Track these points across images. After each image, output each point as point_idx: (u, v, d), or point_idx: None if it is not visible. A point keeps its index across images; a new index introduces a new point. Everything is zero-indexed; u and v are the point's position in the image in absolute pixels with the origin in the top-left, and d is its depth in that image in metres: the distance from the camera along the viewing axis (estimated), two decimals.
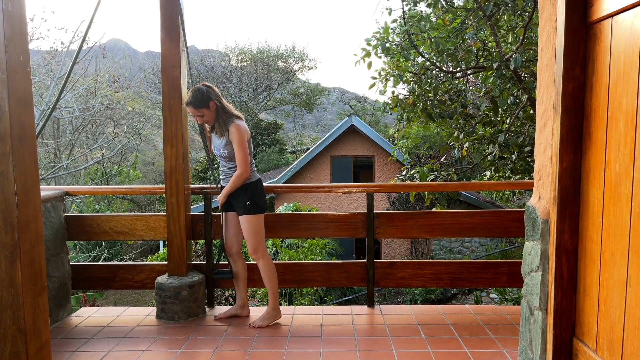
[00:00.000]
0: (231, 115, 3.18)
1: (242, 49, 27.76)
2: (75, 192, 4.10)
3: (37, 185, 1.56)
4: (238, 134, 3.11)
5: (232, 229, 3.40)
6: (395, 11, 6.08)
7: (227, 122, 3.16)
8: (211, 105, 3.12)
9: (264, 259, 3.29)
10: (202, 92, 3.10)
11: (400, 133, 7.28)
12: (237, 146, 3.12)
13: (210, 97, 3.11)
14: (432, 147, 14.52)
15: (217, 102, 3.14)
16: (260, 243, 3.27)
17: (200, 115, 3.14)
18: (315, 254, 9.32)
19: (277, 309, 3.37)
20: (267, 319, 3.31)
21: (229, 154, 3.21)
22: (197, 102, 3.10)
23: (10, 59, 1.44)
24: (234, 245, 3.42)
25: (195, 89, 3.11)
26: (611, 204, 1.65)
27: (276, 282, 3.34)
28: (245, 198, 3.22)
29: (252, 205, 3.22)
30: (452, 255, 14.06)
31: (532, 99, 5.30)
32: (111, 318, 3.53)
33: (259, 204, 3.26)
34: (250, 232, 3.24)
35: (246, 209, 3.23)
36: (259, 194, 3.27)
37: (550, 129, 2.01)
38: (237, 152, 3.13)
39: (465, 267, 3.70)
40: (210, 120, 3.18)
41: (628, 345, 1.56)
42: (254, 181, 3.27)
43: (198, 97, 3.09)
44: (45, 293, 1.59)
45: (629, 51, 1.54)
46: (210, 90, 3.14)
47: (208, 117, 3.16)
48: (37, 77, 11.71)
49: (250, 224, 3.24)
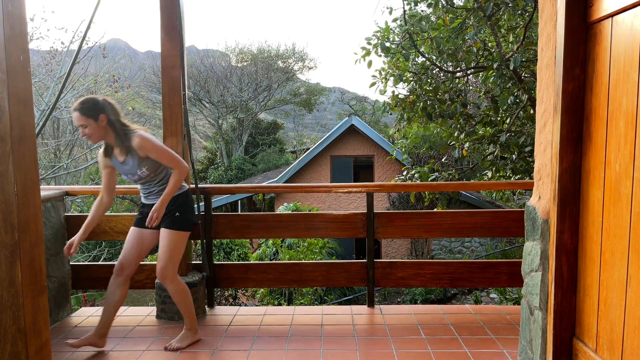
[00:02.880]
0: (130, 130, 2.81)
1: (242, 49, 27.76)
2: (75, 192, 4.10)
3: (37, 185, 1.56)
4: (148, 142, 2.75)
5: (137, 246, 2.97)
6: (395, 10, 6.07)
7: (127, 138, 2.78)
8: (101, 119, 2.71)
9: (174, 283, 2.92)
10: (95, 101, 2.73)
11: (401, 133, 7.28)
12: (157, 152, 2.77)
13: (103, 109, 2.72)
14: (432, 147, 14.51)
15: (110, 117, 2.74)
16: (172, 263, 2.90)
17: (84, 125, 2.69)
18: (315, 254, 9.32)
19: (195, 330, 3.04)
20: (185, 340, 2.98)
21: (149, 170, 2.83)
22: (85, 109, 2.69)
23: (10, 59, 1.44)
24: (130, 266, 2.95)
25: (89, 97, 2.74)
26: (611, 204, 1.64)
27: (190, 303, 3.00)
28: (174, 209, 2.88)
29: (180, 219, 2.89)
30: (452, 255, 14.06)
31: (532, 99, 5.30)
32: None
33: (188, 217, 2.94)
34: (167, 249, 2.87)
35: (173, 221, 2.88)
36: (189, 206, 2.97)
37: (550, 129, 2.01)
38: (161, 158, 2.79)
39: (465, 267, 3.71)
40: (94, 136, 2.72)
41: (628, 345, 1.56)
42: (184, 191, 2.96)
43: (89, 105, 2.71)
44: (45, 293, 1.59)
45: (629, 51, 1.54)
46: (107, 104, 2.75)
47: (92, 130, 2.70)
48: (37, 77, 11.71)
49: (171, 240, 2.87)
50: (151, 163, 2.83)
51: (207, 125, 29.03)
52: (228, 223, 3.72)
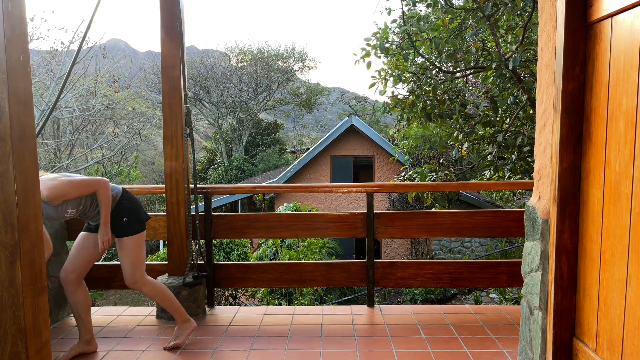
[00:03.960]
0: None
1: (242, 49, 27.78)
2: None
3: (37, 185, 1.56)
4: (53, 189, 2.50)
5: (84, 251, 2.84)
6: (394, 11, 6.06)
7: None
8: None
9: (145, 286, 2.88)
10: None
11: (401, 133, 7.28)
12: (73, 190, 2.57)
13: None
14: (432, 147, 14.52)
15: None
16: (138, 268, 2.84)
17: None
18: (314, 254, 9.32)
19: (187, 320, 3.02)
20: (181, 335, 2.99)
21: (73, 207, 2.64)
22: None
23: (10, 59, 1.44)
24: (77, 270, 2.82)
25: None
26: (611, 204, 1.65)
27: (171, 299, 2.97)
28: (119, 215, 2.78)
29: (129, 222, 2.79)
30: (452, 255, 14.06)
31: (532, 99, 5.30)
32: (111, 318, 3.53)
33: (137, 217, 2.83)
34: (128, 257, 2.81)
35: (123, 227, 2.79)
36: (133, 206, 2.85)
37: (550, 129, 2.01)
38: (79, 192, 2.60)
39: (465, 267, 3.71)
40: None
41: (628, 345, 1.56)
42: (120, 196, 2.83)
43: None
44: (45, 293, 1.59)
45: (629, 51, 1.54)
46: None
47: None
48: (37, 77, 11.71)
49: (129, 246, 2.80)
50: (69, 202, 2.63)
51: (207, 125, 29.03)
52: (228, 223, 3.72)
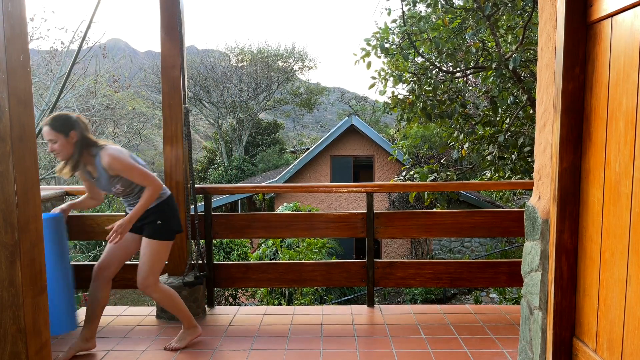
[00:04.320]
0: (97, 147, 2.73)
1: (242, 49, 27.77)
2: (75, 192, 4.09)
3: (37, 185, 1.56)
4: (116, 162, 2.66)
5: (119, 251, 2.90)
6: (394, 11, 6.08)
7: (95, 155, 2.72)
8: (71, 135, 2.65)
9: (156, 292, 2.88)
10: (66, 118, 2.67)
11: (401, 133, 7.28)
12: (127, 172, 2.69)
13: (74, 126, 2.66)
14: (432, 147, 14.52)
15: (80, 134, 2.68)
16: (153, 273, 2.84)
17: (54, 140, 2.62)
18: (314, 254, 9.32)
19: (193, 327, 3.02)
20: (184, 339, 2.98)
21: (122, 186, 2.77)
22: (56, 124, 2.63)
23: (10, 59, 1.44)
24: (110, 268, 2.90)
25: (61, 113, 2.69)
26: (611, 203, 1.65)
27: (180, 304, 2.97)
28: (156, 217, 2.82)
29: (162, 227, 2.83)
30: (452, 255, 14.06)
31: (532, 99, 5.30)
32: (111, 318, 3.53)
33: (171, 225, 2.88)
34: (148, 259, 2.82)
35: (155, 231, 2.83)
36: (172, 214, 2.90)
37: (550, 128, 2.01)
38: (131, 177, 2.71)
39: (465, 266, 3.71)
40: (62, 152, 2.66)
41: (628, 345, 1.56)
42: (164, 199, 2.88)
43: (60, 120, 2.65)
44: (45, 293, 1.59)
45: (629, 51, 1.54)
46: (79, 121, 2.71)
47: (62, 147, 2.64)
48: (37, 77, 11.71)
49: (153, 250, 2.82)
50: (123, 180, 2.76)
51: (207, 125, 29.03)
52: (228, 223, 3.72)
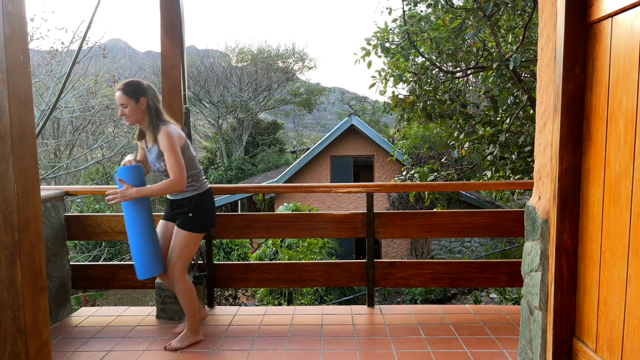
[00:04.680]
0: (163, 121, 2.85)
1: (242, 49, 27.78)
2: (75, 192, 4.10)
3: (37, 185, 1.56)
4: (167, 140, 2.76)
5: (162, 238, 3.03)
6: (395, 11, 6.09)
7: (157, 128, 2.83)
8: (141, 101, 2.80)
9: (182, 281, 2.94)
10: (138, 84, 2.83)
11: (400, 133, 7.28)
12: (168, 153, 2.76)
13: (144, 92, 2.81)
14: (432, 147, 14.52)
15: (150, 102, 2.82)
16: (180, 262, 2.92)
17: (125, 104, 2.79)
18: (314, 254, 9.32)
19: (196, 331, 3.03)
20: (185, 340, 2.99)
21: (165, 167, 2.84)
22: (128, 89, 2.80)
23: (10, 59, 1.44)
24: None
25: (134, 79, 2.87)
26: (611, 204, 1.65)
27: (194, 304, 3.01)
28: (189, 209, 2.90)
29: (193, 219, 2.90)
30: (452, 255, 14.06)
31: (532, 99, 5.30)
32: (111, 318, 3.53)
33: (202, 220, 2.94)
34: (177, 248, 2.91)
35: (186, 221, 2.90)
36: (205, 208, 2.95)
37: (550, 129, 2.01)
38: (168, 159, 2.76)
39: (465, 267, 3.70)
40: (131, 118, 2.81)
41: (628, 345, 1.56)
42: (201, 192, 2.95)
43: (132, 86, 2.81)
44: (45, 293, 1.59)
45: (629, 51, 1.54)
46: (149, 89, 2.86)
47: (131, 112, 2.80)
48: (37, 77, 11.71)
49: (182, 240, 2.90)
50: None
51: (207, 125, 29.02)
52: (228, 223, 3.72)
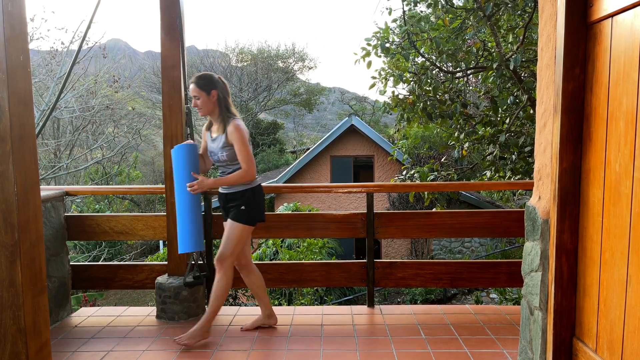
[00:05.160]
0: (232, 115, 3.02)
1: (242, 49, 27.78)
2: (75, 192, 4.10)
3: (37, 185, 1.56)
4: (238, 132, 2.93)
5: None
6: (395, 11, 6.10)
7: (227, 119, 2.99)
8: (212, 94, 2.97)
9: (225, 274, 3.00)
10: (210, 77, 3.00)
11: (401, 133, 7.28)
12: (239, 145, 2.94)
13: (215, 85, 2.98)
14: (432, 147, 14.52)
15: (220, 94, 3.00)
16: (231, 254, 3.00)
17: (197, 97, 2.97)
18: (314, 254, 9.31)
19: (207, 330, 3.06)
20: (195, 337, 3.00)
21: (227, 157, 3.00)
22: (200, 82, 2.97)
23: (10, 59, 1.44)
24: (240, 257, 3.18)
25: (207, 72, 3.04)
26: (611, 204, 1.65)
27: (221, 302, 3.03)
28: (241, 202, 3.01)
29: (244, 212, 3.00)
30: (452, 255, 14.06)
31: (532, 99, 5.30)
32: (111, 318, 3.53)
33: (254, 213, 3.04)
34: (228, 239, 3.00)
35: (238, 214, 3.01)
36: (256, 201, 3.06)
37: (550, 129, 2.01)
38: (239, 150, 2.94)
39: (465, 267, 3.70)
40: (203, 109, 2.99)
41: (628, 345, 1.56)
42: (252, 187, 3.06)
43: (204, 78, 2.99)
44: (45, 293, 1.59)
45: (629, 51, 1.54)
46: (220, 82, 3.03)
47: (203, 104, 2.98)
48: (37, 77, 11.71)
49: (234, 231, 3.00)
50: (231, 152, 2.99)
51: None
52: None
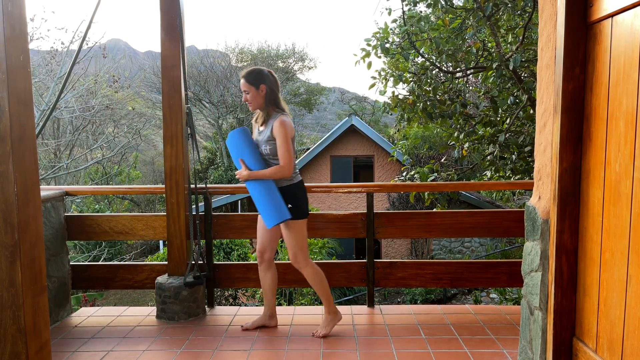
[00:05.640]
0: (280, 110, 3.04)
1: (242, 49, 27.74)
2: (75, 192, 4.10)
3: (37, 185, 1.56)
4: (282, 128, 2.95)
5: (267, 233, 3.20)
6: (395, 11, 6.10)
7: (273, 115, 3.02)
8: (261, 88, 3.00)
9: (307, 267, 3.11)
10: (259, 72, 3.03)
11: (401, 133, 7.28)
12: (281, 140, 2.96)
13: (264, 80, 3.00)
14: (432, 147, 14.52)
15: (269, 88, 3.01)
16: (301, 250, 3.09)
17: (247, 91, 3.01)
18: (314, 254, 9.31)
19: (334, 312, 3.20)
20: (328, 325, 3.16)
21: (270, 151, 3.02)
22: (249, 77, 3.00)
23: (10, 59, 1.45)
24: (266, 251, 3.23)
25: (256, 67, 3.08)
26: (611, 204, 1.65)
27: (326, 287, 3.16)
28: (287, 200, 3.04)
29: (293, 209, 3.03)
30: (452, 255, 14.06)
31: (532, 99, 5.30)
32: (111, 318, 3.53)
33: (301, 207, 3.08)
34: (290, 238, 3.07)
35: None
36: (301, 197, 3.10)
37: (550, 129, 2.01)
38: (280, 146, 2.96)
39: (465, 267, 3.70)
40: (253, 103, 3.03)
41: (628, 345, 1.56)
42: (295, 182, 3.09)
43: (253, 73, 3.02)
44: (45, 293, 1.59)
45: (629, 51, 1.54)
46: (270, 76, 3.05)
47: (252, 98, 3.01)
48: (37, 77, 11.71)
49: (292, 229, 3.06)
50: (274, 146, 3.01)
51: (207, 125, 29.00)
52: (228, 223, 3.72)
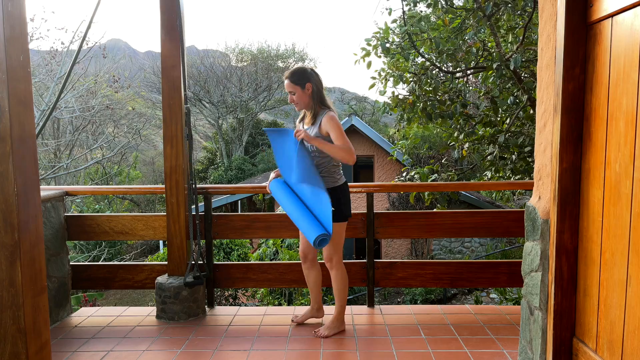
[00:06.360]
0: (326, 107, 3.01)
1: (242, 49, 27.74)
2: (75, 192, 4.10)
3: (37, 185, 1.56)
4: (334, 121, 2.91)
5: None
6: (395, 11, 6.10)
7: (321, 112, 2.98)
8: (307, 87, 2.96)
9: (338, 270, 3.10)
10: (303, 70, 3.01)
11: (400, 133, 7.28)
12: (336, 132, 2.91)
13: (309, 78, 2.97)
14: (432, 148, 14.51)
15: (314, 86, 2.98)
16: (336, 252, 3.08)
17: (292, 92, 2.98)
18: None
19: (342, 321, 3.20)
20: (332, 329, 3.15)
21: (317, 149, 2.99)
22: (294, 76, 2.98)
23: (10, 59, 1.45)
24: (309, 253, 3.23)
25: (300, 66, 3.06)
26: (611, 204, 1.65)
27: (346, 294, 3.15)
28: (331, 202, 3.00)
29: (336, 212, 2.98)
30: (452, 255, 14.06)
31: (532, 99, 5.30)
32: (111, 318, 3.53)
33: (343, 211, 3.07)
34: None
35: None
36: (345, 200, 3.09)
37: (550, 129, 2.01)
38: (337, 137, 2.90)
39: (465, 267, 3.70)
40: (300, 104, 3.00)
41: (628, 345, 1.56)
42: (340, 185, 3.07)
43: (297, 73, 2.99)
44: (45, 293, 1.59)
45: (629, 51, 1.54)
46: (314, 74, 3.01)
47: (299, 98, 2.98)
48: (37, 77, 11.71)
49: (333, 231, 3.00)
50: None
51: (207, 125, 29.01)
52: (228, 223, 3.72)
